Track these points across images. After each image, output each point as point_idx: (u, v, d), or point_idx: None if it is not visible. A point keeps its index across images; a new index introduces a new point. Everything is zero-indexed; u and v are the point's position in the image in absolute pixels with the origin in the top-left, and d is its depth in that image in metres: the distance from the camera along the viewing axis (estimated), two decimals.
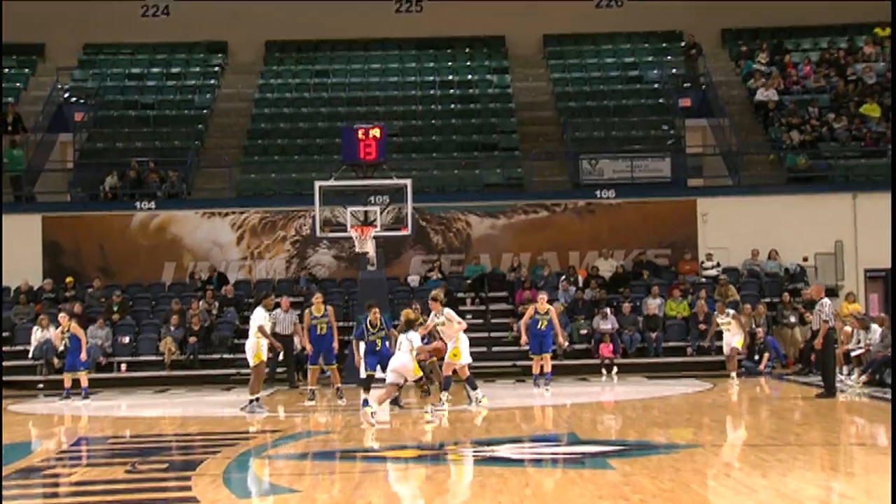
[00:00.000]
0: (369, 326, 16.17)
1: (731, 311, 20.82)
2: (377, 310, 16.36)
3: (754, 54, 31.69)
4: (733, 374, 20.28)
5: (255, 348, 16.19)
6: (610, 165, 26.95)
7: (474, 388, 16.17)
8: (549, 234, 26.40)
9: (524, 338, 18.69)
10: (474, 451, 11.58)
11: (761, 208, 25.83)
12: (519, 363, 23.19)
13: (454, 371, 15.93)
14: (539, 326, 18.46)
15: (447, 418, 14.66)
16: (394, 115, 30.12)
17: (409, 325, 14.41)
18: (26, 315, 24.18)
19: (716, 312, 21.21)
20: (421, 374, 14.89)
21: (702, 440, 12.24)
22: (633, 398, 17.73)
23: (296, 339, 21.05)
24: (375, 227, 21.77)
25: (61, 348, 21.34)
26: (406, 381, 14.73)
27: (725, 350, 20.81)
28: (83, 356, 19.55)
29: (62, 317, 19.98)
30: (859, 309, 23.09)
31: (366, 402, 14.44)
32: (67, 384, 19.64)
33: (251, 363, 16.27)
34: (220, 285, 25.16)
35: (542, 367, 18.58)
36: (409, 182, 21.96)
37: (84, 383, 19.45)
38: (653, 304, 23.91)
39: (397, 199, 22.50)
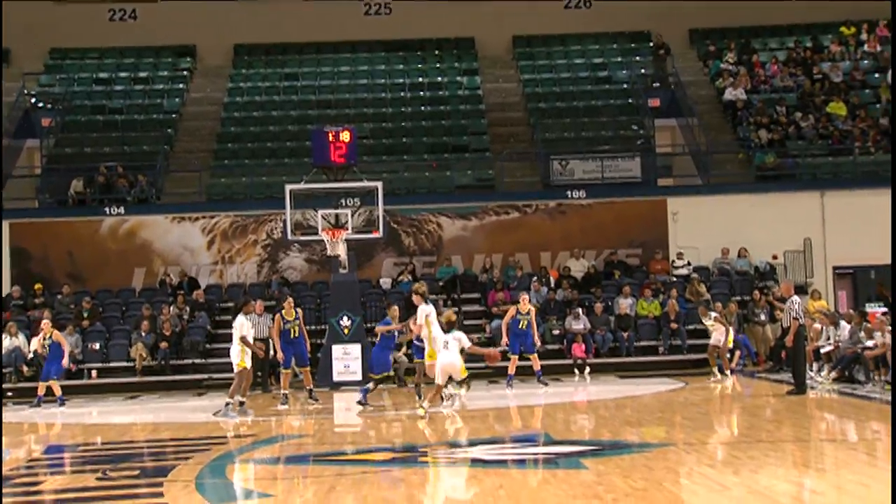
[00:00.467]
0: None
1: (714, 315, 20.83)
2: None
3: (722, 54, 31.91)
4: (728, 371, 20.23)
5: (240, 354, 16.24)
6: (580, 166, 27.02)
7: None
8: (520, 235, 26.45)
9: (505, 338, 18.82)
10: (448, 453, 11.57)
11: (731, 207, 26.00)
12: (492, 365, 23.18)
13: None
14: (520, 326, 18.92)
15: (422, 421, 14.65)
16: (364, 117, 30.08)
17: (451, 326, 14.87)
18: None
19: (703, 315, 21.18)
20: (467, 374, 15.24)
21: (674, 438, 12.29)
22: (605, 398, 17.78)
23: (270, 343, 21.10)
24: (346, 229, 21.72)
25: (35, 354, 21.25)
26: (451, 378, 15.10)
27: (711, 349, 20.89)
28: (65, 362, 19.41)
29: (45, 323, 19.70)
30: (825, 306, 23.26)
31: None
32: (42, 391, 19.48)
33: (235, 369, 16.29)
34: (191, 290, 25.05)
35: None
36: (379, 184, 21.94)
37: (58, 391, 19.31)
38: (624, 304, 24.00)
39: (368, 202, 22.47)
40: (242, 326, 16.27)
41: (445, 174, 27.88)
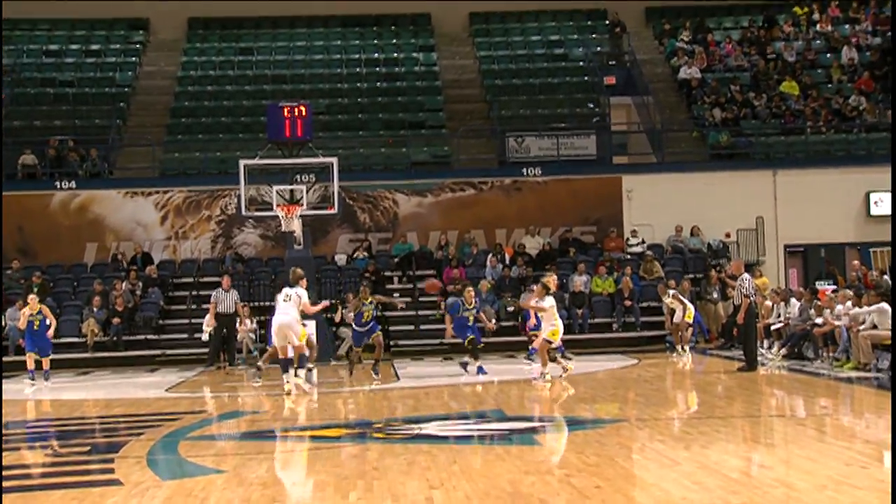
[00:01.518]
0: (464, 303, 17.69)
1: (672, 291, 21.02)
2: (472, 289, 18.16)
3: (677, 32, 32.04)
4: (686, 347, 20.44)
5: (298, 326, 15.71)
6: (536, 143, 27.07)
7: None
8: (476, 212, 26.46)
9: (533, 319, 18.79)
10: (402, 430, 11.58)
11: (685, 185, 26.17)
12: (446, 341, 23.24)
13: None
14: None
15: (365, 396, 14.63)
16: (320, 92, 29.90)
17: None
18: None
19: (664, 294, 21.33)
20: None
21: (627, 415, 12.39)
22: (559, 374, 17.86)
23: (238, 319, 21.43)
24: (302, 205, 21.62)
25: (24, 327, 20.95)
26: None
27: (668, 326, 21.05)
28: (50, 334, 18.87)
29: (31, 298, 18.92)
30: (767, 282, 23.53)
31: (465, 365, 17.55)
32: (32, 365, 18.71)
33: (297, 341, 15.57)
34: (144, 265, 24.82)
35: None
36: (335, 160, 21.84)
37: (46, 365, 18.85)
38: (579, 281, 24.11)
39: (323, 178, 22.35)
40: (301, 298, 15.61)
41: (401, 151, 27.80)
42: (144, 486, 8.52)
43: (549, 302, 16.30)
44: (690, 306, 20.81)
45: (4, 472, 9.57)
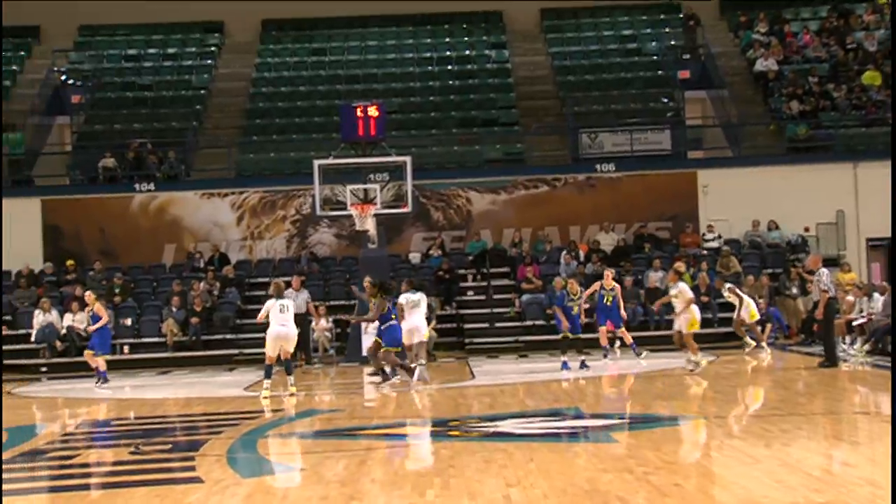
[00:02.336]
0: (569, 294, 18.06)
1: (728, 285, 20.67)
2: (573, 280, 18.69)
3: (753, 24, 31.56)
4: (762, 343, 20.03)
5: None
6: (610, 139, 26.91)
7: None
8: (549, 209, 26.37)
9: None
10: (478, 427, 11.60)
11: (762, 179, 25.76)
12: (521, 338, 23.22)
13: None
14: (605, 301, 19.28)
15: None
16: (392, 91, 30.03)
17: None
18: (27, 299, 24.16)
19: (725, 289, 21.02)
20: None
21: (705, 412, 12.26)
22: (635, 372, 17.75)
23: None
24: (375, 204, 21.72)
25: (70, 329, 21.44)
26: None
27: (737, 322, 20.78)
28: (94, 327, 18.84)
29: (88, 295, 18.81)
30: (854, 278, 23.06)
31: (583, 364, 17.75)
32: (103, 366, 18.49)
33: (422, 338, 16.85)
34: (221, 266, 25.14)
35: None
36: (408, 159, 21.90)
37: (103, 367, 18.63)
38: (654, 277, 23.90)
39: (397, 177, 22.44)
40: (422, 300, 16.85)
41: (474, 148, 27.81)
42: (225, 483, 8.64)
43: (680, 288, 16.93)
44: (749, 301, 20.31)
45: (91, 470, 9.79)
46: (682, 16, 32.22)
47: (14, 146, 27.00)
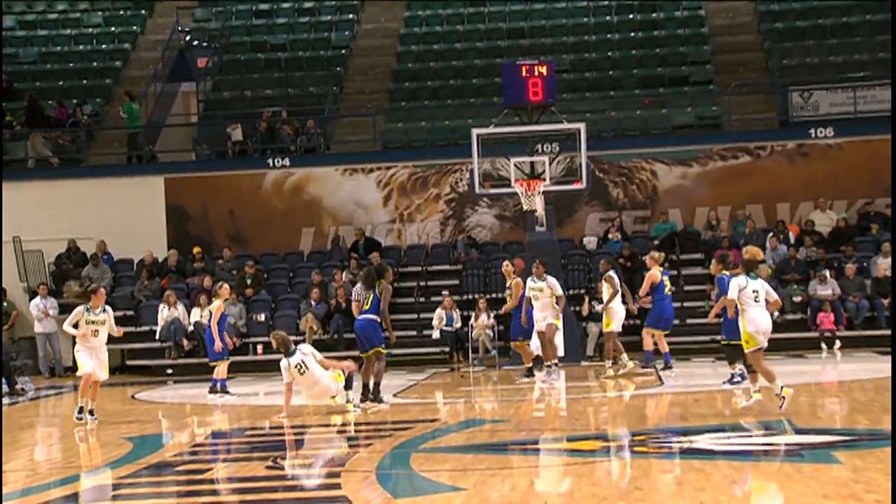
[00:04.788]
0: None
1: None
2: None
3: None
4: None
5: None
6: (827, 98, 26.26)
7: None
8: (752, 183, 25.87)
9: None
10: (668, 442, 11.49)
11: None
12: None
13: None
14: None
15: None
16: (563, 47, 29.92)
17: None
18: (151, 292, 24.96)
19: None
20: None
21: None
22: (860, 378, 17.27)
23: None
24: (544, 180, 21.69)
25: (196, 325, 22.18)
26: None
27: None
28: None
29: (225, 289, 18.33)
30: None
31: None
32: (220, 374, 18.07)
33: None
34: (367, 252, 25.49)
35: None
36: (582, 126, 21.79)
37: (220, 374, 18.16)
38: (883, 265, 23.23)
39: (569, 147, 22.36)
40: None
41: (661, 112, 27.49)
42: None
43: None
44: None
45: (222, 486, 10.09)
46: None
47: (132, 117, 27.88)
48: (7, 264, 25.55)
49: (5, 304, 25.49)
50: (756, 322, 12.83)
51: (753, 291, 12.90)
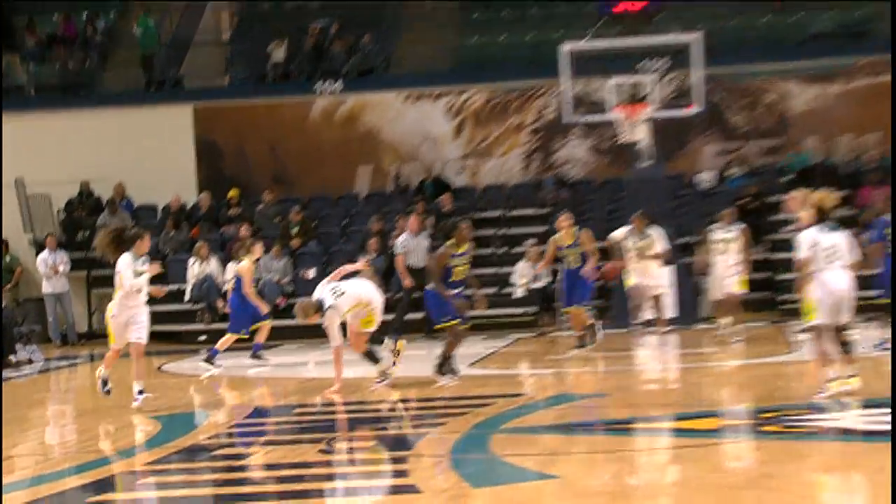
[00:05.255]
0: None
1: None
2: None
3: None
4: None
5: None
6: None
7: None
8: None
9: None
10: (804, 421, 11.38)
11: None
12: (867, 294, 22.56)
13: None
14: None
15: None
16: None
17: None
18: (179, 243, 25.06)
19: None
20: None
21: None
22: None
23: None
24: (649, 104, 21.57)
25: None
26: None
27: None
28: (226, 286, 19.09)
29: (258, 247, 19.26)
30: None
31: None
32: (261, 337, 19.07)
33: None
34: (436, 194, 25.46)
35: None
36: (696, 37, 21.60)
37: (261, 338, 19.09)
38: None
39: (680, 64, 22.20)
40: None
41: (794, 19, 27.15)
42: (449, 493, 8.80)
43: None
44: None
45: (266, 474, 10.16)
46: None
47: (147, 35, 27.78)
48: (9, 212, 25.73)
49: (7, 258, 25.63)
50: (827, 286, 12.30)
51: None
